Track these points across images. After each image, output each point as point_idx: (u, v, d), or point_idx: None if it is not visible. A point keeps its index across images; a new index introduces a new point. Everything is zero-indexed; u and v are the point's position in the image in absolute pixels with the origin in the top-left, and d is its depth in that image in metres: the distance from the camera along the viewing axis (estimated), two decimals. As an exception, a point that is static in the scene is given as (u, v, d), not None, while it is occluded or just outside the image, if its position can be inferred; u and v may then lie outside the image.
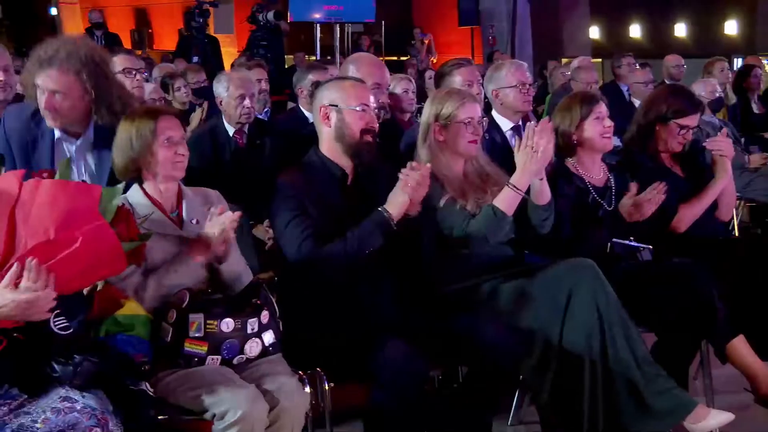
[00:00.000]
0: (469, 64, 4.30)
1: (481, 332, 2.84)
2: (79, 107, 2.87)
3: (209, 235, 2.61)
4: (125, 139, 2.65)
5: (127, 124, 2.66)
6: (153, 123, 2.63)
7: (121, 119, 2.72)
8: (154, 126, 2.63)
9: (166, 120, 2.67)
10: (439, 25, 14.67)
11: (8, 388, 2.21)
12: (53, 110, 2.82)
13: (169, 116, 2.71)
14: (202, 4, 10.74)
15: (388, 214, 2.84)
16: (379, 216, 2.84)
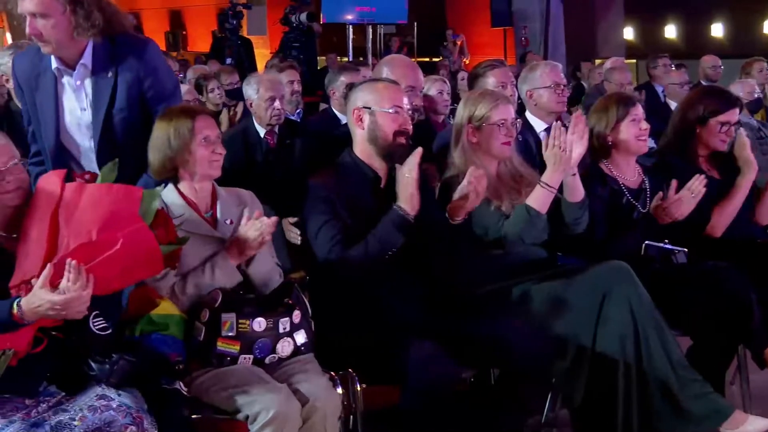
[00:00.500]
0: (502, 65, 4.28)
1: (513, 334, 2.82)
2: (62, 25, 2.75)
3: (244, 238, 2.62)
4: (162, 138, 2.67)
5: (164, 124, 2.68)
6: (191, 122, 2.65)
7: (157, 118, 2.74)
8: (192, 125, 2.65)
9: (203, 119, 2.69)
10: (471, 26, 14.63)
11: (47, 385, 2.26)
12: (38, 35, 2.75)
13: (206, 116, 2.73)
14: (236, 6, 10.82)
15: (402, 210, 2.84)
16: (394, 213, 2.84)
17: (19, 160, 2.43)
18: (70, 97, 2.89)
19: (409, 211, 2.83)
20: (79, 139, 2.91)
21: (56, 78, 2.88)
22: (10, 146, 2.43)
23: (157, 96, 2.88)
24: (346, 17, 11.61)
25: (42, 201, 2.31)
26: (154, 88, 2.87)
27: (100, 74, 2.85)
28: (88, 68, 2.85)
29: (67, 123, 2.90)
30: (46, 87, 2.90)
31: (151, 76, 2.87)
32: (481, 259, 3.13)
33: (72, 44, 2.80)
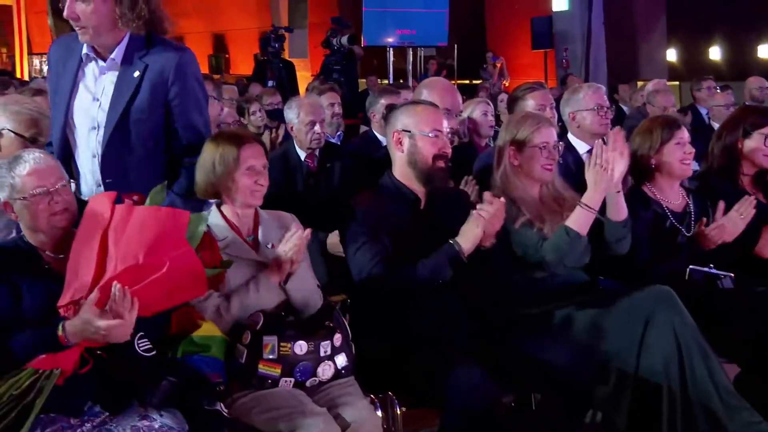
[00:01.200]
0: (541, 88, 4.27)
1: (555, 358, 2.79)
2: (101, 11, 2.66)
3: (280, 255, 2.64)
4: (208, 161, 2.70)
5: (212, 147, 2.71)
6: (236, 150, 2.67)
7: (207, 140, 2.76)
8: (238, 153, 2.67)
9: (251, 148, 2.70)
10: (512, 49, 14.63)
11: (91, 405, 2.28)
12: (75, 18, 2.67)
13: (254, 144, 2.73)
14: (278, 30, 10.97)
15: (459, 247, 2.82)
16: (450, 249, 2.83)
17: (67, 182, 2.47)
18: (89, 85, 2.79)
19: (466, 251, 2.82)
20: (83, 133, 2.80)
21: (81, 63, 2.78)
22: (59, 168, 2.48)
23: (183, 107, 2.77)
24: (386, 40, 11.73)
25: (92, 222, 2.34)
26: (181, 97, 2.77)
27: (128, 69, 2.74)
28: (116, 62, 2.75)
29: (76, 111, 2.79)
30: (68, 71, 2.80)
31: (180, 83, 2.76)
32: (523, 282, 3.11)
33: (110, 34, 2.71)
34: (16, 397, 2.15)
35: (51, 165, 2.45)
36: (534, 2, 13.89)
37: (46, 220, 2.39)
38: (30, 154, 2.45)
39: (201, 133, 2.84)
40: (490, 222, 2.81)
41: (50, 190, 2.39)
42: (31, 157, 2.43)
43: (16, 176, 2.40)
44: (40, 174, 2.40)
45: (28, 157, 2.43)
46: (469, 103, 4.68)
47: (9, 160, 2.45)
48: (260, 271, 2.68)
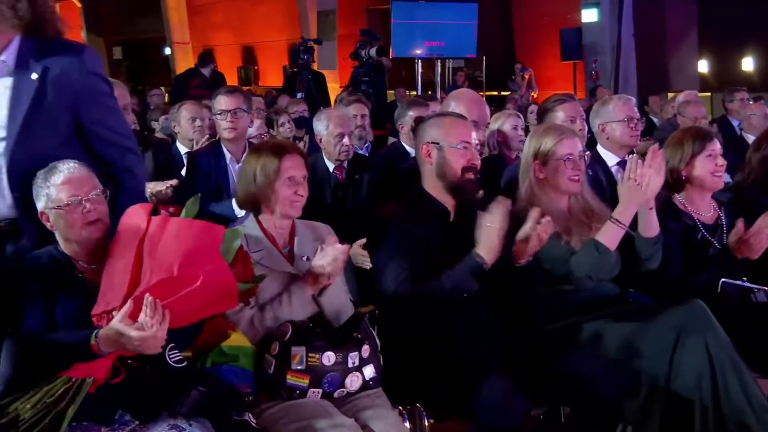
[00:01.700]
0: (571, 99, 4.25)
1: (585, 371, 2.78)
2: None
3: (317, 268, 2.64)
4: (249, 172, 2.73)
5: (254, 158, 2.74)
6: (278, 161, 2.70)
7: (247, 152, 2.77)
8: (279, 164, 2.70)
9: (291, 159, 2.74)
10: (540, 60, 14.58)
11: (122, 413, 2.30)
12: None
13: (295, 155, 2.77)
14: (307, 42, 11.02)
15: (480, 258, 2.81)
16: (472, 260, 2.82)
17: (100, 192, 2.50)
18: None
19: (487, 260, 2.81)
20: None
21: None
22: (93, 177, 2.51)
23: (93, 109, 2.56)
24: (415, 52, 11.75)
25: (127, 232, 2.37)
26: (90, 99, 2.56)
27: (24, 73, 2.49)
28: (8, 65, 2.51)
29: None
30: None
31: (85, 84, 2.55)
32: (552, 295, 3.09)
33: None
34: (50, 404, 2.18)
35: (84, 175, 2.48)
36: (563, 14, 13.84)
37: (80, 230, 2.43)
38: (64, 164, 2.49)
39: (121, 133, 2.66)
40: (536, 240, 2.80)
41: (83, 199, 2.42)
42: (65, 167, 2.46)
43: (51, 186, 2.44)
44: (73, 183, 2.43)
45: (62, 167, 2.46)
46: (499, 115, 4.67)
47: (45, 170, 2.48)
48: (294, 282, 2.69)
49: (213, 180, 4.08)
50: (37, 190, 2.47)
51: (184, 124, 5.15)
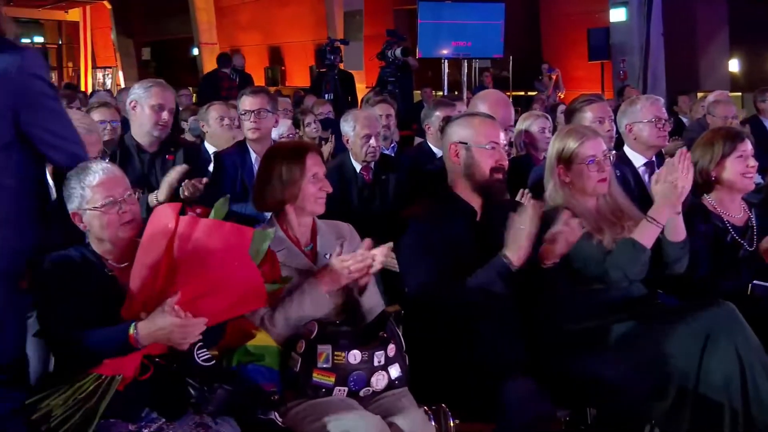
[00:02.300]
0: (599, 99, 4.22)
1: (612, 373, 2.76)
2: None
3: (340, 269, 2.64)
4: (273, 173, 2.74)
5: (276, 159, 2.76)
6: (302, 159, 2.72)
7: (267, 151, 2.79)
8: (304, 162, 2.72)
9: (313, 157, 2.76)
10: (568, 60, 14.50)
11: (148, 411, 2.32)
12: None
13: (315, 153, 2.80)
14: (334, 42, 11.05)
15: (507, 259, 2.79)
16: (499, 262, 2.80)
17: (132, 192, 2.53)
18: None
19: (515, 262, 2.78)
20: None
21: None
22: (125, 179, 2.54)
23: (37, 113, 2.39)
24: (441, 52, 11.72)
25: (156, 232, 2.39)
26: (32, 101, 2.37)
27: None
28: None
29: None
30: None
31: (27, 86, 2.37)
32: (579, 296, 3.06)
33: None
34: (81, 400, 2.21)
35: (118, 176, 2.51)
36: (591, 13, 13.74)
37: (116, 230, 2.45)
38: (98, 165, 2.51)
39: (66, 138, 2.52)
40: (563, 242, 2.79)
41: (118, 200, 2.45)
42: (99, 168, 2.49)
43: (86, 187, 2.46)
44: (108, 185, 2.46)
45: (96, 168, 2.49)
46: (526, 116, 4.65)
47: (77, 171, 2.51)
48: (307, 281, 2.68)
49: (239, 180, 4.11)
50: (69, 191, 2.50)
51: (213, 124, 5.19)
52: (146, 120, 3.82)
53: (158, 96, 3.83)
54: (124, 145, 3.88)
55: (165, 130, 3.87)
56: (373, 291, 2.77)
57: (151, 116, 3.81)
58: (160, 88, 3.87)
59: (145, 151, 3.86)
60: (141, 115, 3.84)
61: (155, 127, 3.82)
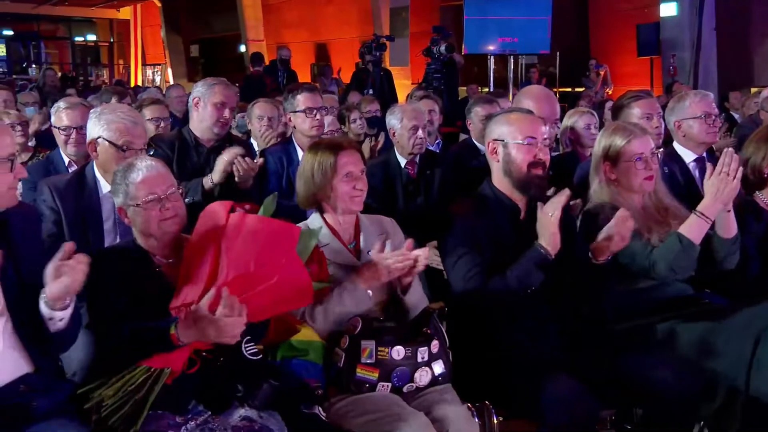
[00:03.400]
0: (648, 96, 4.16)
1: (658, 373, 2.72)
2: None
3: (382, 266, 2.64)
4: (307, 171, 2.76)
5: (311, 157, 2.77)
6: (334, 158, 2.72)
7: (307, 149, 2.82)
8: (335, 161, 2.71)
9: (348, 154, 2.75)
10: (616, 56, 14.31)
11: (195, 404, 2.35)
12: None
13: (351, 150, 2.78)
14: (379, 39, 11.07)
15: (543, 249, 2.77)
16: (535, 252, 2.78)
17: (177, 188, 2.56)
18: None
19: (550, 251, 2.77)
20: None
21: None
22: (169, 174, 2.58)
23: None
24: (488, 48, 11.65)
25: (206, 229, 2.43)
26: None
27: None
28: None
29: None
30: None
31: None
32: (625, 294, 3.03)
33: None
34: (130, 392, 2.25)
35: (162, 172, 2.54)
36: (640, 8, 13.55)
37: (157, 226, 2.49)
38: (142, 161, 2.56)
39: None
40: (617, 239, 2.77)
41: (161, 197, 2.49)
42: (143, 165, 2.53)
43: (130, 183, 2.51)
44: (151, 182, 2.50)
45: (140, 165, 2.53)
46: (572, 112, 4.61)
47: (123, 167, 2.56)
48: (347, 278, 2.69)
49: (285, 177, 4.14)
50: (115, 187, 2.55)
51: (255, 122, 5.23)
52: (208, 117, 3.89)
53: (221, 94, 3.90)
54: (182, 139, 3.94)
55: (225, 127, 3.94)
56: (416, 287, 2.77)
57: (212, 113, 3.88)
58: (223, 87, 3.95)
59: (203, 145, 3.92)
60: (203, 111, 3.90)
61: (216, 123, 3.89)
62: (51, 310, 2.23)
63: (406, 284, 2.72)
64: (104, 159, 3.17)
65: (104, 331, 2.42)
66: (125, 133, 3.13)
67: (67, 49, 25.65)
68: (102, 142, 3.14)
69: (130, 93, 7.80)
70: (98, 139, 3.15)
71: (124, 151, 3.10)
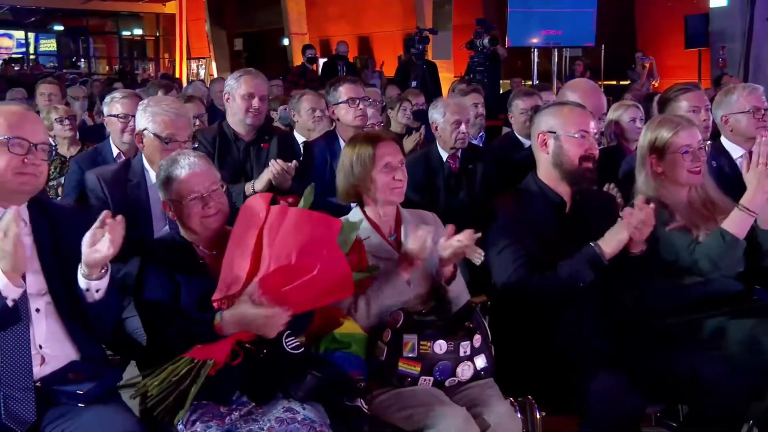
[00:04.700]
0: (696, 88, 4.09)
1: (705, 370, 2.68)
2: None
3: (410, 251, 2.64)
4: (346, 164, 2.76)
5: (349, 150, 2.78)
6: (372, 149, 2.72)
7: (346, 143, 2.83)
8: (373, 152, 2.72)
9: (386, 145, 2.75)
10: (663, 48, 14.09)
11: (239, 395, 2.38)
12: None
13: (389, 141, 2.78)
14: (422, 32, 11.04)
15: (600, 250, 2.73)
16: (590, 251, 2.75)
17: (220, 185, 2.58)
18: None
19: (608, 254, 2.73)
20: None
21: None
22: (213, 171, 2.60)
23: None
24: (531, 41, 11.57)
25: (248, 221, 2.45)
26: None
27: None
28: None
29: None
30: None
31: None
32: (671, 290, 2.99)
33: None
34: (175, 382, 2.28)
35: (204, 169, 2.56)
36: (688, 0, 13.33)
37: (199, 222, 2.52)
38: (185, 158, 2.57)
39: None
40: (639, 228, 2.71)
41: (204, 195, 2.51)
42: (186, 162, 2.55)
43: (173, 180, 2.54)
44: (194, 179, 2.52)
45: (183, 162, 2.55)
46: (617, 105, 4.55)
47: (167, 162, 2.59)
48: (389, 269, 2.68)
49: (329, 169, 4.16)
50: (159, 181, 2.59)
51: (304, 114, 5.26)
52: (238, 109, 3.93)
53: (247, 85, 3.92)
54: (223, 133, 3.98)
55: (258, 117, 3.95)
56: (458, 280, 2.76)
57: (242, 105, 3.91)
58: (249, 77, 3.97)
59: (242, 139, 3.96)
60: (233, 105, 3.94)
61: (247, 114, 3.92)
62: (87, 280, 2.27)
63: (448, 275, 2.72)
64: (150, 150, 3.22)
65: (152, 322, 2.46)
66: (169, 126, 3.17)
67: (114, 43, 26.06)
68: (147, 134, 3.20)
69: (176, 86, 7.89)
70: (144, 131, 3.21)
71: (167, 144, 3.14)
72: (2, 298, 2.13)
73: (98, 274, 2.27)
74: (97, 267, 2.26)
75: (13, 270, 2.12)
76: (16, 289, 2.15)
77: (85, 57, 25.84)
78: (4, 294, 2.13)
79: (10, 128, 2.27)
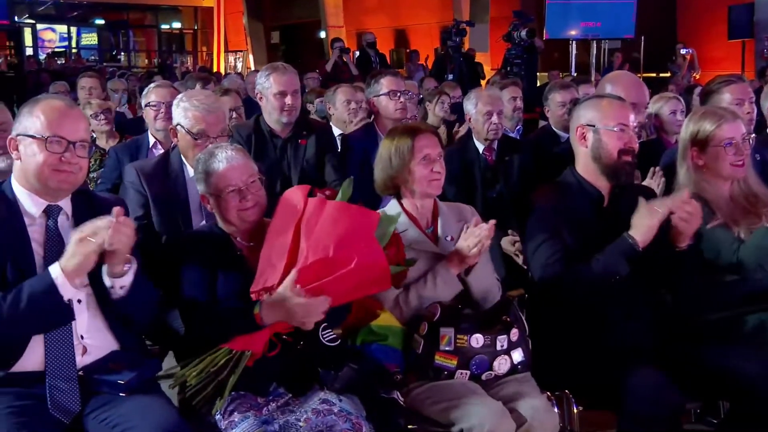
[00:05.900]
0: (739, 80, 4.01)
1: (747, 367, 2.63)
2: None
3: (463, 249, 2.65)
4: (385, 156, 2.76)
5: (388, 142, 2.78)
6: (411, 141, 2.72)
7: (384, 136, 2.83)
8: (412, 144, 2.71)
9: (425, 138, 2.75)
10: (705, 40, 13.86)
11: (276, 386, 2.40)
12: None
13: (428, 134, 2.78)
14: (459, 24, 10.99)
15: (633, 240, 2.70)
16: (623, 242, 2.71)
17: (258, 177, 2.59)
18: None
19: (640, 243, 2.70)
20: None
21: None
22: (250, 164, 2.61)
23: None
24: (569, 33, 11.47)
25: (286, 214, 2.46)
26: None
27: None
28: None
29: None
30: None
31: None
32: (713, 285, 2.94)
33: None
34: (213, 373, 2.31)
35: (241, 163, 2.58)
36: (732, -11, 13.10)
37: (237, 215, 2.54)
38: (223, 152, 2.59)
39: None
40: (688, 222, 2.67)
41: (241, 188, 2.53)
42: (223, 156, 2.57)
43: (211, 174, 2.56)
44: (231, 173, 2.54)
45: (221, 156, 2.57)
46: (658, 98, 4.48)
47: (205, 156, 2.61)
48: (438, 262, 2.70)
49: (367, 163, 4.16)
50: (197, 175, 2.61)
51: (340, 107, 5.27)
52: (272, 109, 3.91)
53: (278, 83, 3.89)
54: (259, 130, 3.98)
55: (292, 113, 3.93)
56: (486, 272, 2.75)
57: (276, 104, 3.89)
58: (278, 74, 3.92)
59: (278, 136, 3.95)
60: (267, 104, 3.93)
61: (281, 113, 3.90)
62: (111, 278, 2.28)
63: (468, 266, 2.71)
64: (183, 145, 3.24)
65: (190, 312, 2.48)
66: (200, 121, 3.17)
67: (153, 37, 26.32)
68: (180, 129, 3.22)
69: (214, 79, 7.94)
70: (177, 126, 3.23)
71: (197, 139, 3.16)
72: (59, 295, 2.16)
73: (119, 272, 2.27)
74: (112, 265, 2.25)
75: (75, 272, 2.17)
76: (72, 290, 2.19)
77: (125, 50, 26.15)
78: (61, 292, 2.16)
79: (50, 126, 2.29)
